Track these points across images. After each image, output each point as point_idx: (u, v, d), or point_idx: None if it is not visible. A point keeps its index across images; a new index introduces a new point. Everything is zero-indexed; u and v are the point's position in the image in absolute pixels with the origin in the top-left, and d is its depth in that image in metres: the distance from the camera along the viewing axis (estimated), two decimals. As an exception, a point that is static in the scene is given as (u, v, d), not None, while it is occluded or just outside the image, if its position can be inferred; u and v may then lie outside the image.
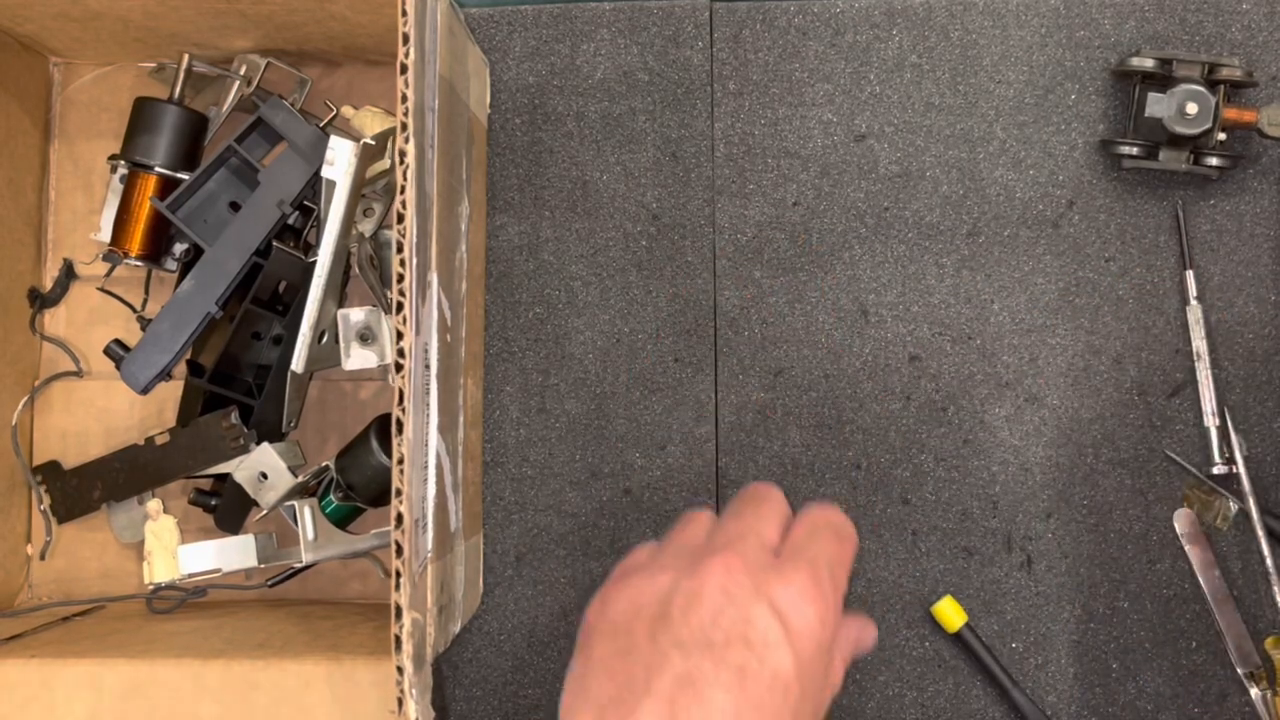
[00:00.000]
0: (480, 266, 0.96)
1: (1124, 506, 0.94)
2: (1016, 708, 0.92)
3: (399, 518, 0.68)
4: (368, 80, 1.03)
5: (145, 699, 0.82)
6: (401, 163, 0.69)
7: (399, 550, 0.68)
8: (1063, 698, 0.93)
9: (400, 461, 0.69)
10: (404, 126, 0.69)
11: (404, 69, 0.69)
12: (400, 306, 0.69)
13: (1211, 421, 0.93)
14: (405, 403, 0.69)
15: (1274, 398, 0.93)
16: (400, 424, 0.69)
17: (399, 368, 0.69)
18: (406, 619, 0.67)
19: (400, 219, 0.69)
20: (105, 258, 0.98)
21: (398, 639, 0.67)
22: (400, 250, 0.69)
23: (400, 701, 0.68)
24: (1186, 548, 0.93)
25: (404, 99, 0.69)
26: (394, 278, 0.69)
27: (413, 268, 0.69)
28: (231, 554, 0.93)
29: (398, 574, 0.68)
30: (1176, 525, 0.93)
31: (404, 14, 0.69)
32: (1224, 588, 0.92)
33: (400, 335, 0.69)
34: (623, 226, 0.98)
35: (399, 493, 0.68)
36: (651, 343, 0.98)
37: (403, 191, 0.69)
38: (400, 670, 0.68)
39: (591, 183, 0.99)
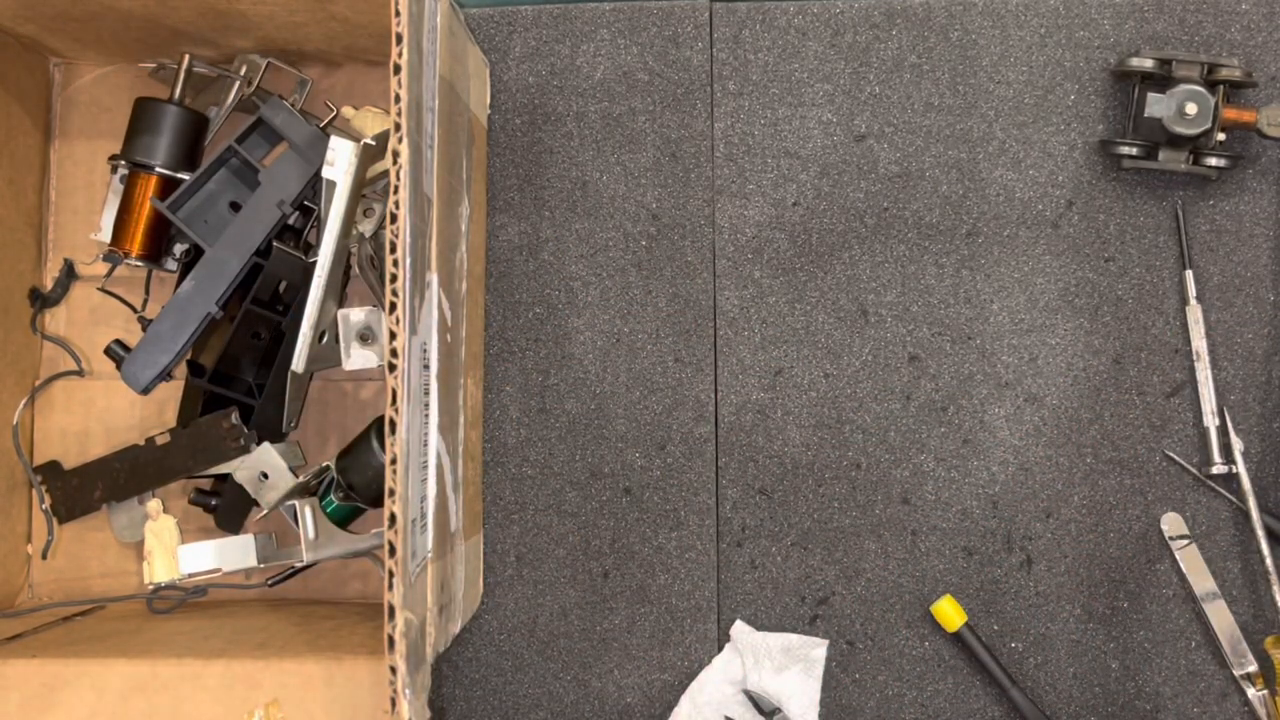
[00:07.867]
0: (480, 266, 0.96)
1: (1124, 506, 0.94)
2: (1016, 707, 0.92)
3: (392, 518, 0.68)
4: (368, 81, 1.03)
5: (145, 699, 0.82)
6: (395, 163, 0.69)
7: (392, 550, 0.68)
8: (1062, 697, 0.93)
9: (394, 461, 0.68)
10: (398, 127, 0.69)
11: (398, 69, 0.69)
12: (393, 306, 0.69)
13: (1211, 421, 0.92)
14: (399, 403, 0.69)
15: (1274, 398, 0.93)
16: (394, 424, 0.69)
17: (392, 368, 0.69)
18: (400, 619, 0.67)
19: (394, 219, 0.69)
20: (106, 258, 0.98)
21: (390, 639, 0.67)
22: (394, 250, 0.69)
23: (393, 701, 0.68)
24: (1176, 552, 0.92)
25: (397, 99, 0.69)
26: (387, 278, 0.69)
27: (405, 268, 0.69)
28: (231, 554, 0.93)
29: (391, 574, 0.68)
30: (1164, 528, 0.93)
31: (397, 14, 0.69)
32: (1214, 589, 0.92)
33: (393, 335, 0.69)
34: (623, 226, 0.98)
35: (392, 493, 0.68)
36: (651, 343, 0.97)
37: (396, 192, 0.69)
38: (393, 670, 0.67)
39: (591, 183, 0.99)
